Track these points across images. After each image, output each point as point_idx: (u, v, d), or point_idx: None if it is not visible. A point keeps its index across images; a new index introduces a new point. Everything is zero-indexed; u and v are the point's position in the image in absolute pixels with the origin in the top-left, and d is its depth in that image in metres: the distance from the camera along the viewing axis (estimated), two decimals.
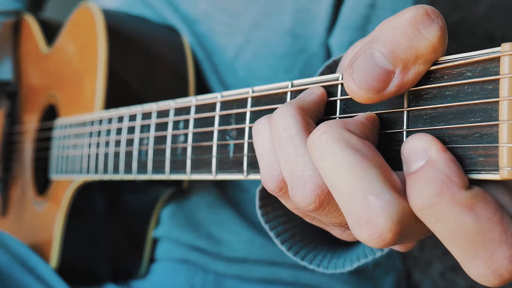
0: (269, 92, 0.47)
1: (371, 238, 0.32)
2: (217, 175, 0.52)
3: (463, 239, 0.31)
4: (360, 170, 0.32)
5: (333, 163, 0.33)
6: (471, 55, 0.33)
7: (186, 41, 0.94)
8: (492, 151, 0.31)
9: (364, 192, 0.32)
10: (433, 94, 0.35)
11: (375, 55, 0.34)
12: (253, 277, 0.94)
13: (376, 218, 0.31)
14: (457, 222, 0.31)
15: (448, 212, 0.31)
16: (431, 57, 0.34)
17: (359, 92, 0.35)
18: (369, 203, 0.32)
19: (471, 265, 0.32)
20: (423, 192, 0.31)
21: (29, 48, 1.16)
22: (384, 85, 0.34)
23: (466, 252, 0.31)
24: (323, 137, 0.34)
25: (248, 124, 0.48)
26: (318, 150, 0.34)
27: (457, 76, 0.34)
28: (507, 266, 0.31)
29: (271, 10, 0.92)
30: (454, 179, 0.31)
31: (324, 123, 0.35)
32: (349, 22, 0.89)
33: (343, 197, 0.33)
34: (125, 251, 0.95)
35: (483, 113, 0.32)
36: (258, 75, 0.93)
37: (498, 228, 0.31)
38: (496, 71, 0.31)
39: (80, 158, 0.81)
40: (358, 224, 0.32)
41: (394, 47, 0.34)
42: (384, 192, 0.32)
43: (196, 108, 0.56)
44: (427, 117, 0.35)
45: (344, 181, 0.33)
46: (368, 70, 0.34)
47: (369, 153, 0.34)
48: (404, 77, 0.34)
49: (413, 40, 0.33)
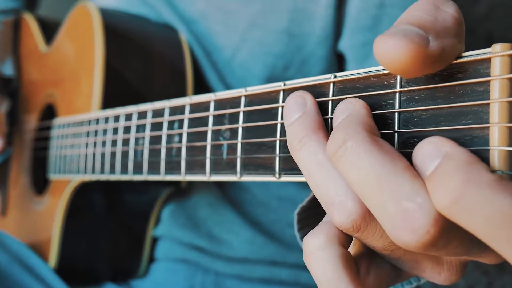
0: (261, 91, 0.47)
1: (411, 243, 0.31)
2: (211, 176, 0.51)
3: (505, 225, 0.27)
4: (390, 175, 0.31)
5: (361, 172, 0.32)
6: (462, 56, 0.32)
7: (184, 39, 0.94)
8: (483, 154, 0.31)
9: (396, 198, 0.31)
10: (424, 96, 0.34)
11: (406, 27, 0.31)
12: (253, 277, 0.94)
13: (412, 221, 0.30)
14: (493, 207, 0.27)
15: (480, 200, 0.28)
16: (458, 31, 0.33)
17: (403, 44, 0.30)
18: (403, 208, 0.30)
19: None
20: (448, 186, 0.29)
21: (28, 47, 1.16)
22: (426, 43, 0.31)
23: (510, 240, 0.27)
24: (348, 146, 0.33)
25: (241, 124, 0.48)
26: (345, 161, 0.33)
27: (448, 77, 0.33)
28: None
29: (267, 10, 0.92)
30: (477, 165, 0.29)
31: (343, 127, 0.33)
32: (359, 23, 0.89)
33: (376, 207, 0.32)
34: (124, 250, 0.95)
35: (474, 115, 0.31)
36: (254, 74, 0.93)
37: None
38: (487, 72, 0.31)
39: (77, 158, 0.81)
40: (395, 231, 0.31)
41: (420, 21, 0.32)
42: (416, 194, 0.30)
43: (190, 108, 0.55)
44: (418, 119, 0.35)
45: (374, 189, 0.31)
46: (404, 31, 0.31)
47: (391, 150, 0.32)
48: (441, 42, 0.31)
49: (436, 14, 0.32)
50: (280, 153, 0.44)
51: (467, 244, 0.33)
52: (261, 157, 0.46)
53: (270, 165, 0.45)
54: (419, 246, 0.31)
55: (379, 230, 0.36)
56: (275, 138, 0.45)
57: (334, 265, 0.36)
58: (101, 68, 0.83)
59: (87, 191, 0.87)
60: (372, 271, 0.39)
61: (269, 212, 0.97)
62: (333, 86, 0.40)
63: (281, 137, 0.44)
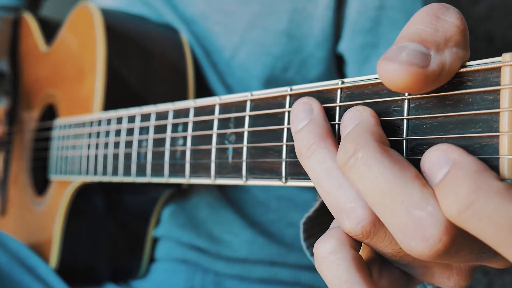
0: (268, 95, 0.47)
1: (423, 252, 0.31)
2: (216, 180, 0.51)
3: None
4: (400, 185, 0.31)
5: (373, 183, 0.32)
6: (472, 64, 0.33)
7: (185, 40, 0.93)
8: (492, 163, 0.31)
9: (407, 207, 0.31)
10: (433, 103, 0.34)
11: (406, 44, 0.32)
12: (253, 277, 0.94)
13: (423, 230, 0.30)
14: (502, 214, 0.28)
15: (489, 207, 0.28)
16: (460, 39, 0.33)
17: (402, 69, 0.31)
18: (414, 217, 0.31)
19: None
20: (457, 194, 0.29)
21: (28, 47, 1.15)
22: (425, 62, 0.31)
23: None
24: (359, 156, 0.33)
25: (247, 128, 0.48)
26: (357, 172, 0.33)
27: (457, 85, 0.33)
28: None
29: (266, 10, 0.92)
30: (486, 173, 0.29)
31: (353, 138, 0.34)
32: (358, 25, 0.89)
33: (387, 216, 0.32)
34: (125, 251, 0.95)
35: (484, 123, 0.32)
36: (253, 75, 0.93)
37: None
38: (496, 81, 0.31)
39: (79, 159, 0.81)
40: (406, 239, 0.31)
41: (420, 35, 0.33)
42: (427, 203, 0.31)
43: (195, 111, 0.55)
44: (427, 126, 0.35)
45: (385, 198, 0.32)
46: (405, 53, 0.32)
47: (400, 160, 0.33)
48: (442, 57, 0.32)
49: (437, 25, 0.33)
50: (287, 158, 0.44)
51: (478, 251, 0.33)
52: (267, 161, 0.46)
53: (276, 169, 0.45)
54: (431, 254, 0.31)
55: (389, 237, 0.36)
56: (281, 142, 0.45)
57: (348, 268, 0.36)
58: (102, 68, 0.83)
59: (88, 192, 0.87)
60: (384, 275, 0.40)
61: (269, 212, 0.98)
62: (340, 92, 0.41)
63: (287, 142, 0.44)
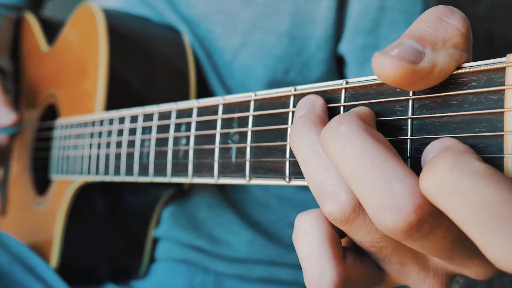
0: (272, 96, 0.47)
1: (396, 224, 0.31)
2: (219, 179, 0.51)
3: (484, 212, 0.27)
4: (380, 158, 0.32)
5: (354, 155, 0.33)
6: (476, 65, 0.33)
7: (187, 41, 0.94)
8: (497, 162, 0.31)
9: (385, 179, 0.31)
10: (437, 103, 0.35)
11: (404, 41, 0.34)
12: (253, 277, 0.95)
13: (399, 201, 0.31)
14: (475, 192, 0.28)
15: (462, 185, 0.28)
16: (459, 41, 0.34)
17: (391, 62, 0.33)
18: (392, 189, 0.31)
19: (496, 245, 0.28)
20: (433, 169, 0.29)
21: (29, 47, 1.15)
22: (417, 59, 0.33)
23: (488, 228, 0.27)
24: (341, 130, 0.34)
25: (250, 128, 0.48)
26: (338, 144, 0.34)
27: (462, 85, 0.34)
28: None
29: (268, 12, 0.92)
30: (467, 154, 0.30)
31: (338, 116, 0.35)
32: (359, 26, 0.90)
33: (363, 188, 0.32)
34: (125, 251, 0.95)
35: (488, 123, 0.32)
36: (255, 77, 0.93)
37: None
38: (501, 81, 0.31)
39: (81, 159, 0.81)
40: (381, 212, 0.31)
41: (421, 33, 0.34)
42: (406, 177, 0.31)
43: (198, 111, 0.55)
44: (431, 126, 0.35)
45: (364, 171, 0.32)
46: (399, 48, 0.33)
47: (386, 143, 0.33)
48: (435, 55, 0.33)
49: (438, 26, 0.34)
50: (291, 157, 0.44)
51: (451, 240, 0.33)
52: (271, 161, 0.46)
53: (280, 169, 0.45)
54: (403, 228, 0.31)
55: (368, 225, 0.36)
56: (285, 142, 0.45)
57: (320, 240, 0.37)
58: (105, 69, 0.83)
59: (89, 191, 0.87)
60: (358, 264, 0.40)
61: (269, 212, 0.98)
62: (345, 92, 0.41)
63: None
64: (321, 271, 0.37)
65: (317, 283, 0.37)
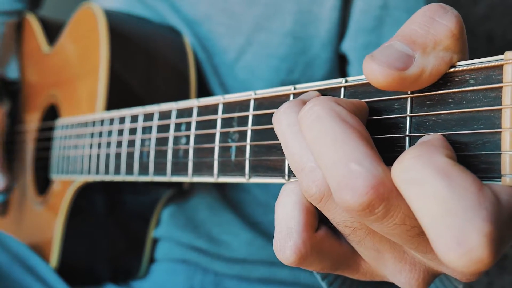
0: (271, 94, 0.47)
1: (350, 203, 0.32)
2: (218, 178, 0.52)
3: (434, 204, 0.29)
4: (345, 138, 0.33)
5: (320, 132, 0.34)
6: (474, 62, 0.33)
7: (187, 42, 0.94)
8: (494, 159, 0.31)
9: (346, 159, 0.32)
10: (436, 101, 0.35)
11: (394, 44, 0.34)
12: (253, 277, 0.95)
13: (355, 181, 0.32)
14: (429, 184, 0.29)
15: (422, 175, 0.30)
16: (451, 44, 0.34)
17: (380, 70, 0.34)
18: (350, 169, 0.32)
19: (441, 239, 0.29)
20: (403, 156, 0.31)
21: (30, 48, 1.15)
22: (405, 65, 0.34)
23: (436, 221, 0.29)
24: (314, 109, 0.35)
25: (250, 127, 0.48)
26: (308, 122, 0.35)
27: (460, 83, 0.34)
28: (477, 241, 0.28)
29: (272, 12, 0.92)
30: (439, 148, 0.31)
31: (316, 98, 0.36)
32: (361, 24, 0.90)
33: (327, 165, 0.33)
34: (125, 251, 0.95)
35: (486, 120, 0.32)
36: (258, 76, 0.93)
37: (473, 198, 0.28)
38: (499, 79, 0.32)
39: (81, 158, 0.81)
40: (339, 190, 0.32)
41: (412, 36, 0.34)
42: (366, 160, 0.32)
43: (198, 110, 0.56)
44: (429, 123, 0.35)
45: (328, 149, 0.33)
46: (388, 53, 0.34)
47: (358, 127, 0.34)
48: (425, 60, 0.34)
49: (430, 27, 0.34)
50: None
51: (413, 229, 0.34)
52: (270, 159, 0.46)
53: (279, 167, 0.45)
54: (356, 207, 0.32)
55: None
56: None
57: (294, 204, 0.39)
58: (106, 69, 0.83)
59: (89, 191, 0.87)
60: (331, 240, 0.41)
61: (269, 212, 0.98)
62: (344, 91, 0.41)
63: None
64: (287, 232, 0.39)
65: (281, 243, 0.39)
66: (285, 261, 0.39)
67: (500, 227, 0.29)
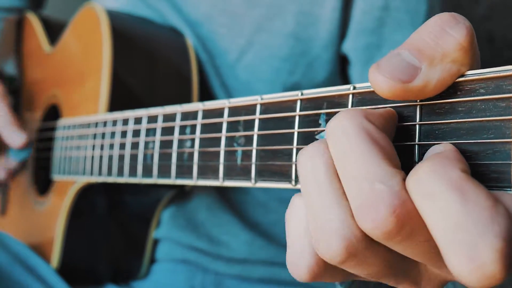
0: (278, 100, 0.47)
1: (375, 225, 0.31)
2: (224, 182, 0.52)
3: (447, 220, 0.29)
4: (371, 156, 0.32)
5: (346, 148, 0.33)
6: (484, 72, 0.33)
7: (189, 43, 0.94)
8: (504, 168, 0.31)
9: (371, 178, 0.32)
10: (445, 109, 0.35)
11: (402, 54, 0.34)
12: (253, 277, 0.95)
13: (379, 202, 0.31)
14: (443, 199, 0.29)
15: (436, 189, 0.30)
16: (459, 56, 0.34)
17: (384, 81, 0.34)
18: (374, 188, 0.32)
19: (452, 255, 0.29)
20: (418, 169, 0.31)
21: (31, 47, 1.15)
22: (410, 77, 0.34)
23: (448, 237, 0.29)
24: (342, 124, 0.34)
25: (256, 131, 0.49)
26: (335, 137, 0.34)
27: (470, 92, 0.34)
28: (489, 256, 0.28)
29: (273, 13, 0.92)
30: (451, 161, 0.31)
31: (345, 111, 0.35)
32: (362, 25, 0.90)
33: (351, 182, 0.33)
34: (126, 252, 0.95)
35: (496, 130, 0.32)
36: (260, 77, 0.93)
37: (485, 213, 0.28)
38: (509, 89, 0.32)
39: (83, 159, 0.81)
40: (361, 209, 0.32)
41: (420, 46, 0.34)
42: (391, 179, 0.32)
43: (203, 114, 0.56)
44: (439, 132, 0.35)
45: (354, 166, 0.33)
46: (394, 64, 0.34)
47: (385, 145, 0.34)
48: (430, 72, 0.34)
49: (439, 39, 0.34)
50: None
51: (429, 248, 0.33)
52: (277, 164, 0.46)
53: (286, 172, 0.46)
54: (383, 229, 0.31)
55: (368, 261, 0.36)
56: (291, 146, 0.45)
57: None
58: (108, 70, 0.83)
59: (91, 192, 0.87)
60: None
61: (269, 213, 0.98)
62: (352, 97, 0.41)
63: (298, 145, 0.45)
64: (301, 250, 0.37)
65: (294, 260, 0.38)
66: (298, 278, 0.37)
67: None
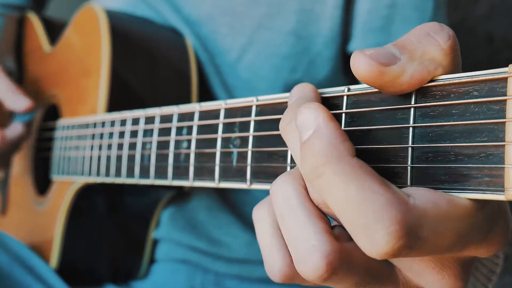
0: (274, 101, 0.47)
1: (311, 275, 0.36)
2: (220, 183, 0.52)
3: (349, 208, 0.32)
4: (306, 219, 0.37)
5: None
6: (478, 74, 0.33)
7: (189, 43, 0.94)
8: (497, 172, 0.31)
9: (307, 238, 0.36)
10: (439, 112, 0.35)
11: (387, 47, 0.36)
12: (253, 277, 0.95)
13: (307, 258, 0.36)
14: (342, 190, 0.32)
15: (334, 181, 0.32)
16: (438, 56, 0.35)
17: (363, 59, 0.35)
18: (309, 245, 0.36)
19: (360, 238, 0.32)
20: (312, 163, 0.34)
21: (32, 47, 1.15)
22: (389, 62, 0.35)
23: (353, 223, 0.32)
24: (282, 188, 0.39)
25: (252, 133, 0.48)
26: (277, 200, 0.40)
27: (463, 94, 0.34)
28: (385, 238, 0.31)
29: (274, 11, 0.92)
30: (339, 147, 0.33)
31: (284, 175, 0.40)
32: (370, 25, 0.90)
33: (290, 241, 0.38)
34: (125, 252, 0.95)
35: (490, 133, 0.32)
36: (261, 76, 0.93)
37: (381, 199, 0.31)
38: (503, 91, 0.31)
39: (82, 160, 0.81)
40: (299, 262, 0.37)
41: (404, 43, 0.36)
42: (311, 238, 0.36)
43: (200, 115, 0.56)
44: (432, 134, 0.35)
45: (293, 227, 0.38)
46: (378, 50, 0.36)
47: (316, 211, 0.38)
48: (409, 64, 0.35)
49: (422, 38, 0.36)
50: (292, 163, 0.44)
51: None
52: (272, 166, 0.46)
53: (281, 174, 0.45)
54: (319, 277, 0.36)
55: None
56: (286, 148, 0.45)
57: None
58: (107, 70, 0.83)
59: (90, 192, 0.87)
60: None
61: None
62: (346, 99, 0.41)
63: None
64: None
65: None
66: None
67: (409, 224, 0.31)
